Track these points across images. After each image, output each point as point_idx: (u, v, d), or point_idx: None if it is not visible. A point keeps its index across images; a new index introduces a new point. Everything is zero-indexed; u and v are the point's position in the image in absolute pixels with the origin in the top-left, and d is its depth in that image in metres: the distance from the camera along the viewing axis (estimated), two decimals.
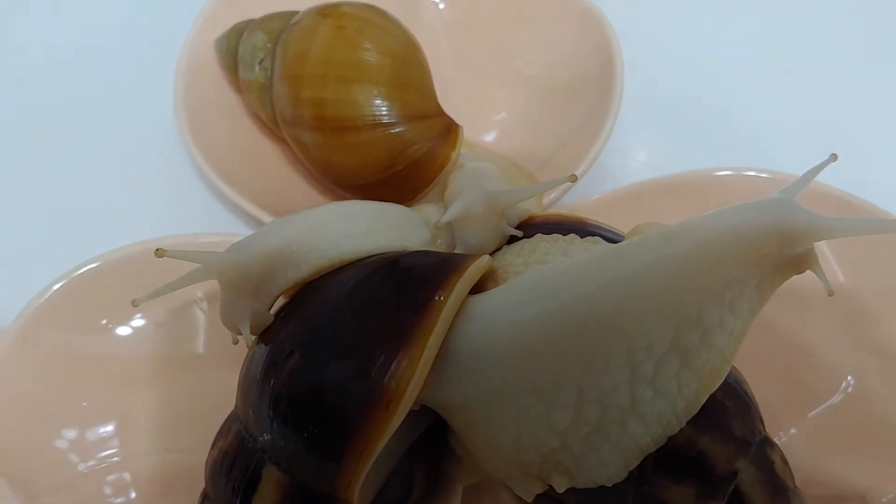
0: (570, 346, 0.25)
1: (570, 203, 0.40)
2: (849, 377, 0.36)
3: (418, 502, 0.29)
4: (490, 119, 0.48)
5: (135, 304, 0.29)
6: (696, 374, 0.25)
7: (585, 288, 0.25)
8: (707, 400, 0.25)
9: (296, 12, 0.42)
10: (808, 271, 0.24)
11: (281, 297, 0.30)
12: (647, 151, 0.49)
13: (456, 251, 0.32)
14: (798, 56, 0.54)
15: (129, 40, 0.54)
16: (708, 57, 0.54)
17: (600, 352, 0.25)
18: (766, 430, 0.29)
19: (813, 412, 0.36)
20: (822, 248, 0.38)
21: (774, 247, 0.24)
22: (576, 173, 0.38)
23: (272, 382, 0.27)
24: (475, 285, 0.29)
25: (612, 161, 0.47)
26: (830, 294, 0.25)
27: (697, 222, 0.25)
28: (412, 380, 0.25)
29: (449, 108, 0.42)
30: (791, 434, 0.36)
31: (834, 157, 0.28)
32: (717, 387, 0.25)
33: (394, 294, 0.27)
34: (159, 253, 0.28)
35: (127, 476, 0.35)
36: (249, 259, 0.29)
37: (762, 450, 0.27)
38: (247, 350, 0.30)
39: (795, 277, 0.25)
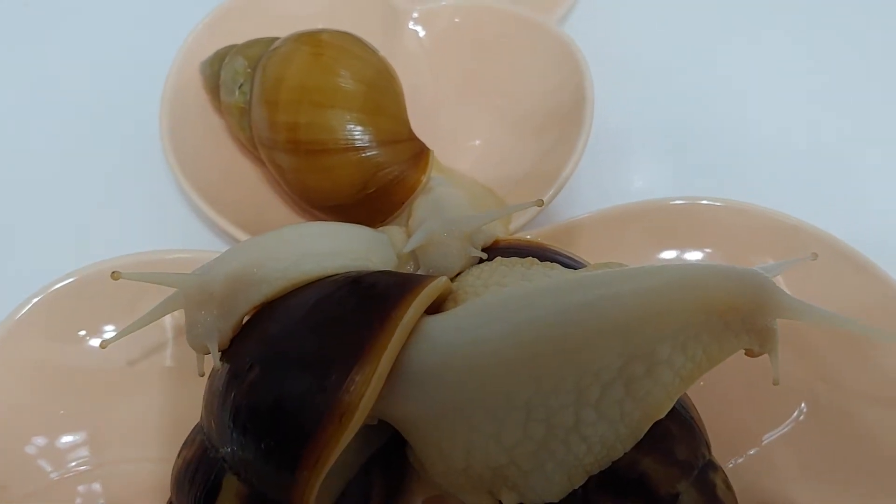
0: (520, 366, 0.26)
1: (535, 229, 0.41)
2: (802, 404, 0.37)
3: None
4: (465, 145, 0.49)
5: (103, 346, 0.30)
6: (639, 403, 0.26)
7: (540, 312, 0.26)
8: None
9: (276, 38, 0.43)
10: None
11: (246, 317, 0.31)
12: (619, 179, 0.50)
13: (420, 273, 0.33)
14: (788, 81, 0.55)
15: (119, 62, 0.55)
16: (687, 84, 0.55)
17: (550, 374, 0.26)
18: (721, 453, 0.29)
19: (766, 437, 0.37)
20: (779, 280, 0.39)
21: (742, 304, 0.25)
22: (542, 200, 0.40)
23: (233, 394, 0.27)
24: (436, 306, 0.30)
25: (584, 188, 0.48)
26: (775, 384, 0.27)
27: (666, 265, 0.26)
28: (366, 394, 0.26)
29: (426, 133, 0.43)
30: (745, 458, 0.37)
31: (815, 255, 0.32)
32: (659, 417, 0.26)
33: (351, 311, 0.28)
34: (115, 276, 0.29)
35: (98, 484, 0.36)
36: (212, 280, 0.30)
37: (705, 473, 0.28)
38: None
39: None
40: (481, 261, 0.33)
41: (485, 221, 0.34)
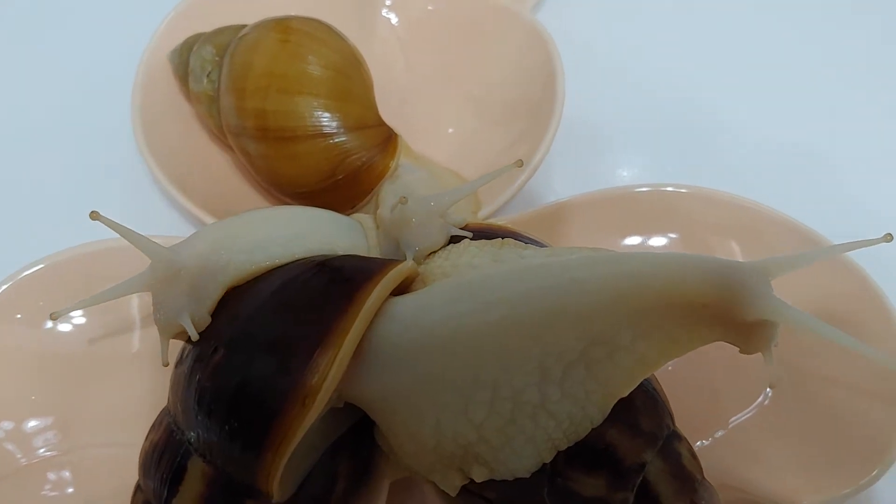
0: (486, 346, 0.26)
1: (503, 217, 0.42)
2: (767, 389, 0.37)
3: (342, 496, 0.30)
4: (438, 132, 0.49)
5: (53, 317, 0.30)
6: (601, 384, 0.26)
7: (507, 293, 0.27)
8: None
9: (245, 26, 0.43)
10: None
11: None
12: (589, 167, 0.50)
13: (407, 255, 0.33)
14: (763, 70, 0.55)
15: (91, 51, 0.55)
16: (659, 73, 0.55)
17: (515, 353, 0.26)
18: (689, 434, 0.30)
19: (733, 420, 0.38)
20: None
21: (710, 299, 0.25)
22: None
23: (198, 377, 0.28)
24: (403, 288, 0.30)
25: (554, 176, 0.49)
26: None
27: (634, 253, 0.26)
28: (328, 377, 0.26)
29: (399, 120, 0.44)
30: (712, 440, 0.37)
31: (889, 236, 0.27)
32: (621, 396, 0.26)
33: (316, 294, 0.28)
34: (93, 215, 0.29)
35: (67, 467, 0.36)
36: (180, 257, 0.30)
37: (670, 443, 0.28)
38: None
39: None
40: (459, 237, 0.33)
41: (466, 193, 0.34)
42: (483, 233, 0.34)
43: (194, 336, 0.29)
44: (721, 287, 0.24)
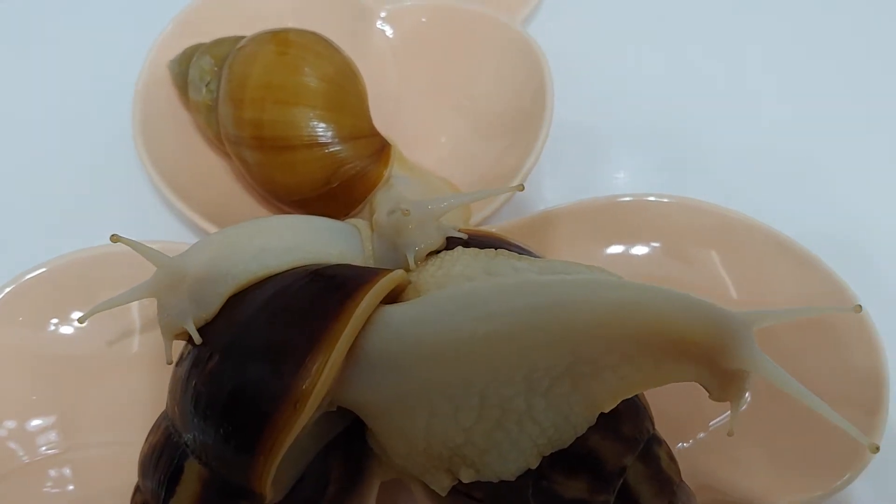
0: (478, 357, 0.27)
1: (490, 225, 0.42)
2: (747, 394, 0.38)
3: (334, 497, 0.31)
4: (430, 141, 0.50)
5: (80, 321, 0.31)
6: (585, 398, 0.27)
7: (500, 308, 0.27)
8: None
9: (243, 37, 0.44)
10: None
11: None
12: (579, 177, 0.51)
13: (408, 255, 0.33)
14: (751, 80, 0.56)
15: (92, 60, 0.56)
16: (647, 84, 0.56)
17: (504, 365, 0.27)
18: (670, 437, 0.31)
19: (713, 423, 0.38)
20: (718, 269, 0.40)
21: (700, 339, 0.25)
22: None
23: (194, 382, 0.29)
24: (393, 296, 0.31)
25: (544, 186, 0.50)
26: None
27: (632, 283, 0.27)
28: (319, 382, 0.27)
29: (392, 130, 0.44)
30: (693, 442, 0.38)
31: (859, 307, 0.29)
32: (604, 410, 0.27)
33: (308, 302, 0.29)
34: (114, 238, 0.30)
35: (68, 466, 0.37)
36: (183, 268, 0.31)
37: (650, 447, 0.29)
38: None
39: None
40: (457, 240, 0.34)
41: (461, 202, 0.35)
42: (474, 239, 0.35)
43: (197, 339, 0.30)
44: (710, 328, 0.25)
